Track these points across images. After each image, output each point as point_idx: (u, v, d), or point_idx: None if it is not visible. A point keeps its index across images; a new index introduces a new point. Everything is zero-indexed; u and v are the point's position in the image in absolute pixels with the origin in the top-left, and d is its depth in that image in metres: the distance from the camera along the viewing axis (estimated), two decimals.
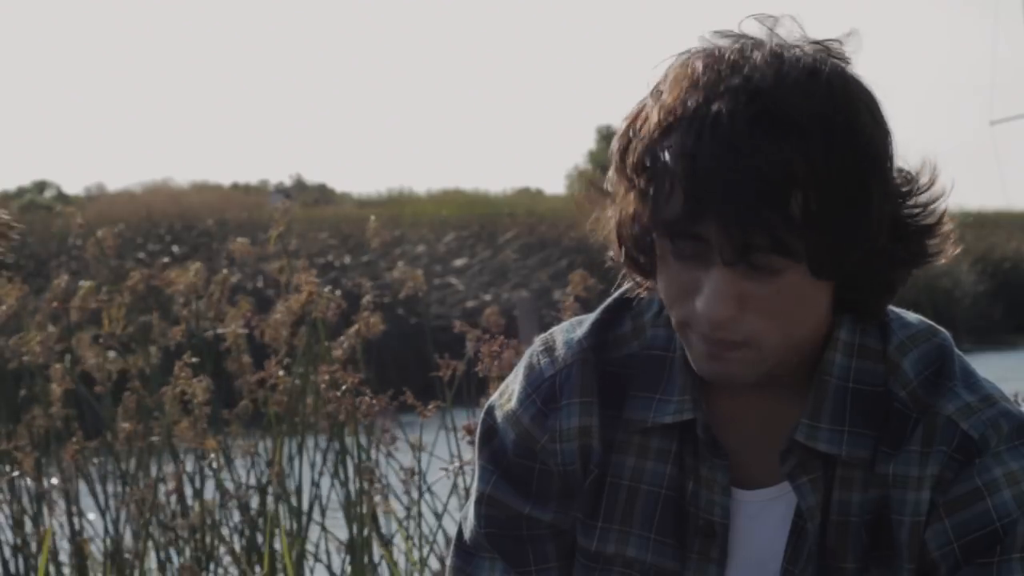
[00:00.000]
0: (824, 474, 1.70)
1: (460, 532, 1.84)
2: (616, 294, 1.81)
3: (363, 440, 4.08)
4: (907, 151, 1.71)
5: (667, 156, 1.59)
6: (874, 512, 1.70)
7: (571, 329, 1.80)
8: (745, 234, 1.57)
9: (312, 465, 4.35)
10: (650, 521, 1.76)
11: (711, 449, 1.73)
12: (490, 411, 1.82)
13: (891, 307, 1.75)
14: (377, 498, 4.00)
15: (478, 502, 1.81)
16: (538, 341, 1.82)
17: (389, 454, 4.12)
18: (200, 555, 4.27)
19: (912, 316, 1.77)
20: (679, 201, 1.58)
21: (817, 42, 1.65)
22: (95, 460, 4.45)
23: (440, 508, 4.16)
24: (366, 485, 4.00)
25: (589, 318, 1.80)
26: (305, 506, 4.32)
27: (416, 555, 4.10)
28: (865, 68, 1.74)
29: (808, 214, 1.57)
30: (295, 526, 4.26)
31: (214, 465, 4.34)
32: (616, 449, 1.76)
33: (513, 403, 1.80)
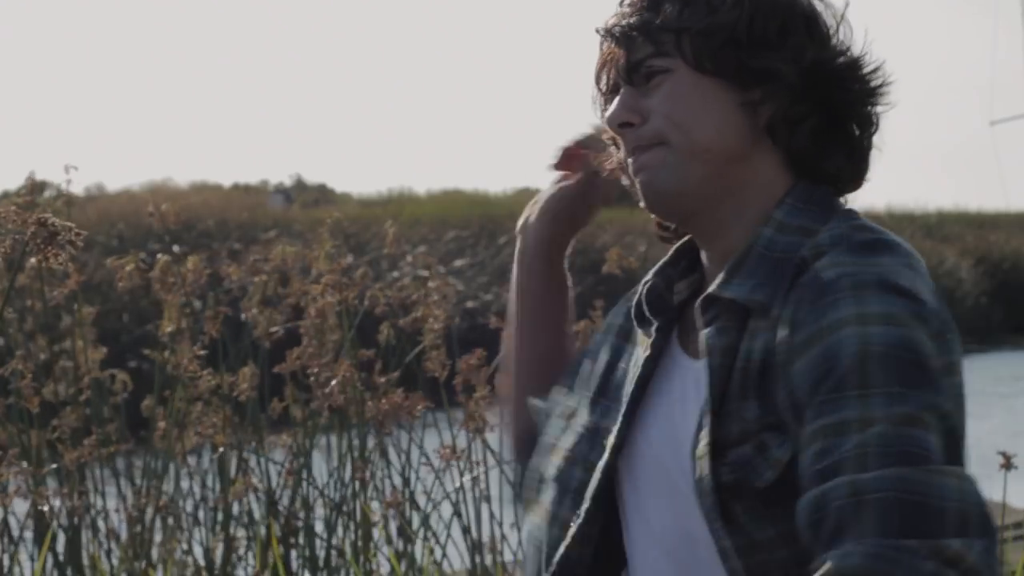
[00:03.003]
0: (736, 326, 1.80)
1: None
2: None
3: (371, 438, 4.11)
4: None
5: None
6: (766, 356, 1.75)
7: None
8: (630, 47, 1.85)
9: (350, 460, 4.36)
10: (602, 390, 1.95)
11: (646, 308, 1.91)
12: None
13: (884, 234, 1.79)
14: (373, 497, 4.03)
15: None
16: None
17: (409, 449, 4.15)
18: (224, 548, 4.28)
19: (891, 235, 1.81)
20: (600, 58, 1.91)
21: None
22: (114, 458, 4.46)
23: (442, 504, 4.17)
24: (358, 484, 4.02)
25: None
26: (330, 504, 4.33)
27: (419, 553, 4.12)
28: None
29: (679, 17, 1.84)
30: (325, 520, 4.28)
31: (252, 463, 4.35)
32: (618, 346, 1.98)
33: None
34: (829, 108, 1.85)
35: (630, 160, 1.87)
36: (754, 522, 1.72)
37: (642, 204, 1.87)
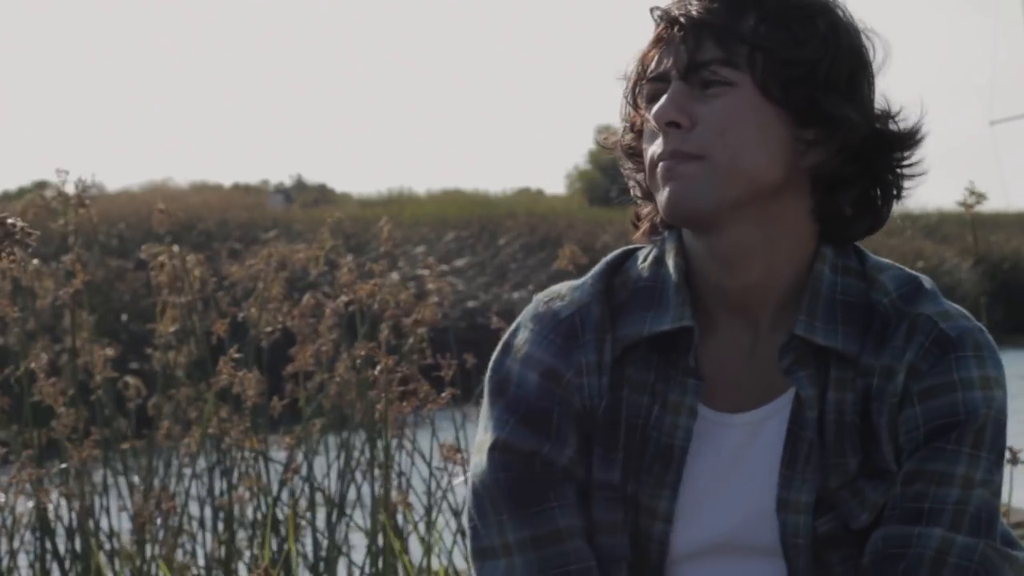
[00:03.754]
0: (817, 372, 1.77)
1: (470, 505, 1.83)
2: (612, 254, 1.88)
3: (388, 436, 4.10)
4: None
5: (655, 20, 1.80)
6: (863, 405, 1.78)
7: (574, 282, 1.87)
8: (697, 44, 1.74)
9: (349, 460, 4.36)
10: (625, 449, 1.80)
11: (694, 363, 1.78)
12: (498, 367, 1.85)
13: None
14: (395, 494, 4.02)
15: (492, 449, 1.80)
16: (539, 297, 1.88)
17: (412, 451, 4.15)
18: (224, 550, 4.28)
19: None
20: (654, 39, 1.79)
21: None
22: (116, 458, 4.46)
23: (459, 505, 4.18)
24: (382, 479, 4.02)
25: (592, 271, 1.88)
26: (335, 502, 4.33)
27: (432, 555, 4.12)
28: None
29: (756, 32, 1.73)
30: (327, 519, 4.28)
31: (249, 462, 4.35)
32: (618, 385, 1.81)
33: (527, 348, 1.83)
34: (871, 174, 1.81)
35: (663, 163, 1.76)
36: (850, 571, 1.77)
37: (660, 207, 1.78)
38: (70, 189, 4.34)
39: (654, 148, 1.78)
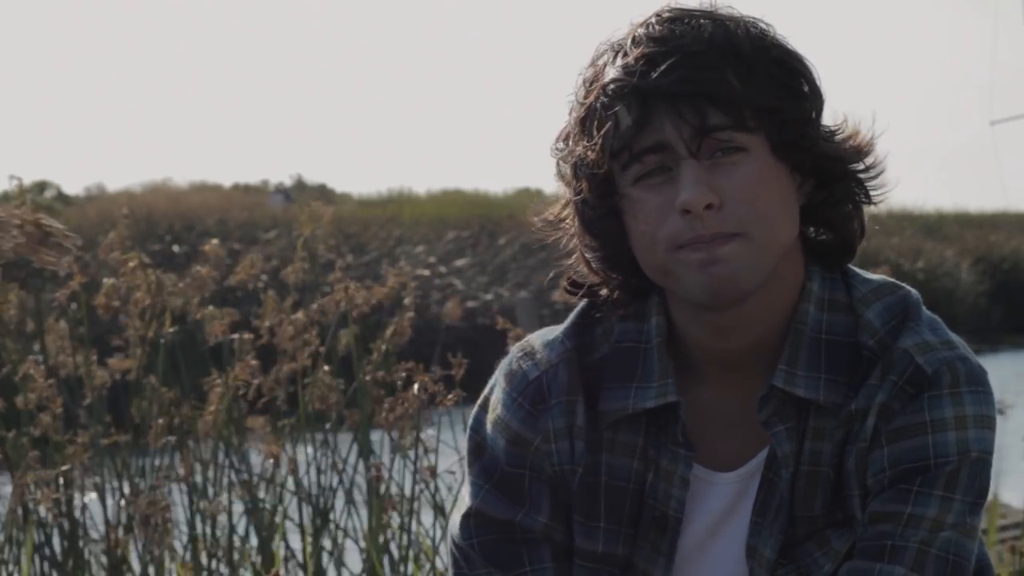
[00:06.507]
0: (798, 424, 1.73)
1: (454, 557, 1.84)
2: (585, 301, 1.83)
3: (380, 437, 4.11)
4: (902, 148, 1.78)
5: (602, 91, 1.68)
6: (840, 456, 1.73)
7: (548, 334, 1.82)
8: (700, 113, 1.63)
9: (345, 460, 4.36)
10: (612, 514, 1.78)
11: (682, 438, 1.75)
12: (476, 427, 1.84)
13: (853, 267, 1.80)
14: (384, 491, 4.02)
15: (466, 516, 1.81)
16: (515, 349, 1.84)
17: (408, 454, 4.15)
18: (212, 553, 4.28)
19: (875, 275, 1.80)
20: (629, 116, 1.66)
21: None
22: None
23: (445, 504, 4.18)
24: (374, 482, 4.02)
25: (564, 323, 1.83)
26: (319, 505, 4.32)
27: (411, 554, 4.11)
28: (866, 69, 1.81)
29: (755, 91, 1.64)
30: (315, 522, 4.28)
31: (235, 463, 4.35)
32: (595, 448, 1.78)
33: (499, 410, 1.81)
34: (839, 194, 1.75)
35: (701, 247, 1.66)
36: None
37: (692, 291, 1.68)
38: (73, 188, 4.35)
39: (675, 229, 1.67)
